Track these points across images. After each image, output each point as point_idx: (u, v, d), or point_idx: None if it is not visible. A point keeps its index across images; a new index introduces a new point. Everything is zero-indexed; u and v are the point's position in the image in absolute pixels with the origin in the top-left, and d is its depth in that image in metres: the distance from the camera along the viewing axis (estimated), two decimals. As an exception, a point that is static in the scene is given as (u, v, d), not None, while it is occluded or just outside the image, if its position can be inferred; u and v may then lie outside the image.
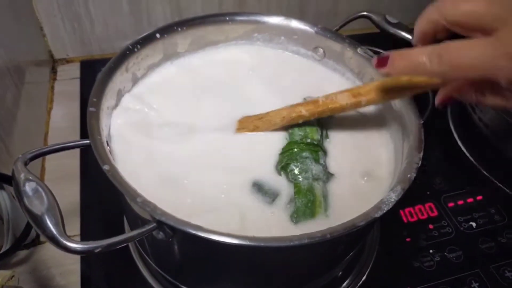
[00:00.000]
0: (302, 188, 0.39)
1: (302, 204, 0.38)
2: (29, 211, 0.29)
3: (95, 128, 0.37)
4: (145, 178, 0.38)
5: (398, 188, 0.35)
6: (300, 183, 0.40)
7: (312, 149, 0.42)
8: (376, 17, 0.52)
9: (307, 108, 0.43)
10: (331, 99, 0.43)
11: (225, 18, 0.52)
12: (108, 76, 0.42)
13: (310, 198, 0.39)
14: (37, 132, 0.62)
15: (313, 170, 0.40)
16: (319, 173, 0.40)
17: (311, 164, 0.41)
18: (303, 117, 0.43)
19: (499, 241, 0.55)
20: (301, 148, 0.42)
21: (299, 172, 0.40)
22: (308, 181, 0.40)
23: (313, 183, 0.40)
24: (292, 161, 0.41)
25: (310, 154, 0.41)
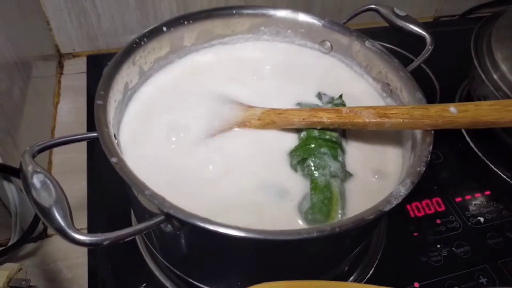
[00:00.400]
0: (319, 184, 0.39)
1: (318, 200, 0.37)
2: (37, 204, 0.29)
3: (103, 121, 0.37)
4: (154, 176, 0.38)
5: (408, 182, 0.35)
6: (317, 178, 0.39)
7: (331, 146, 0.41)
8: (384, 10, 0.52)
9: (329, 116, 0.42)
10: (356, 113, 0.41)
11: (232, 11, 0.52)
12: (115, 69, 0.42)
13: (327, 195, 0.38)
14: (44, 126, 0.62)
15: (331, 167, 0.40)
16: (337, 171, 0.40)
17: (329, 160, 0.40)
18: (323, 124, 0.42)
19: (507, 236, 0.55)
20: (319, 144, 0.41)
21: (316, 168, 0.40)
22: (325, 178, 0.39)
23: (330, 180, 0.39)
24: (309, 156, 0.40)
25: (329, 151, 0.41)
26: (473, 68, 0.64)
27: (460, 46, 0.68)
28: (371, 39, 0.49)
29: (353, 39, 0.50)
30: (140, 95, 0.47)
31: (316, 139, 0.41)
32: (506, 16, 0.67)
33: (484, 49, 0.64)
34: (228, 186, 0.40)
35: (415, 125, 0.40)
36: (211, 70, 0.51)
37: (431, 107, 0.39)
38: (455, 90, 0.74)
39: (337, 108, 0.43)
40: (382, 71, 0.48)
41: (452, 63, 0.73)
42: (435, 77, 0.75)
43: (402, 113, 0.39)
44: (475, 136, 0.65)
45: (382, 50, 0.48)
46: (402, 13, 0.51)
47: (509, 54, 0.61)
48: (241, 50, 0.54)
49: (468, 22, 0.91)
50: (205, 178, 0.40)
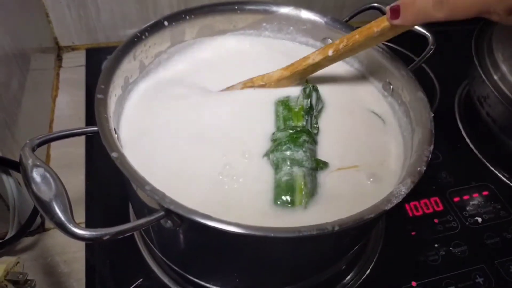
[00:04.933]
0: (281, 174, 0.39)
1: (280, 190, 0.38)
2: (37, 197, 0.29)
3: (103, 115, 0.36)
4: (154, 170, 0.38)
5: (408, 181, 0.35)
6: (280, 169, 0.40)
7: (294, 136, 0.41)
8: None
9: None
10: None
11: (234, 7, 0.51)
12: (115, 63, 0.42)
13: (289, 184, 0.38)
14: (42, 119, 0.61)
15: (295, 156, 0.40)
16: (302, 159, 0.40)
17: (293, 149, 0.40)
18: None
19: (504, 236, 0.55)
20: (284, 136, 0.41)
21: (280, 159, 0.40)
22: (288, 167, 0.39)
23: (293, 169, 0.39)
24: (275, 149, 0.41)
25: (291, 142, 0.41)
26: (473, 69, 0.64)
27: (460, 46, 0.68)
28: (373, 38, 0.49)
29: (355, 37, 0.50)
30: (140, 89, 0.47)
31: (280, 131, 0.43)
32: (507, 17, 0.67)
33: (485, 50, 0.64)
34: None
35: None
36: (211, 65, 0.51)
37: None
38: (455, 90, 0.75)
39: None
40: (384, 70, 0.48)
41: (453, 63, 0.73)
42: (435, 76, 0.75)
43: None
44: (474, 136, 0.66)
45: (384, 49, 0.48)
46: (404, 12, 0.50)
47: (509, 55, 0.61)
48: (242, 44, 0.54)
49: (469, 22, 0.91)
50: (208, 174, 0.40)
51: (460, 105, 0.71)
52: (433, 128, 0.39)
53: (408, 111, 0.44)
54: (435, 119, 0.42)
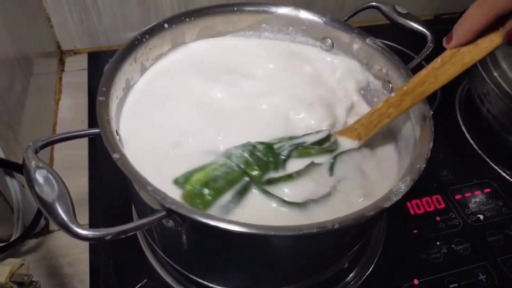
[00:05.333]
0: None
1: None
2: (40, 198, 0.29)
3: (105, 117, 0.37)
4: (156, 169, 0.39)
5: (408, 179, 0.35)
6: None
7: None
8: (385, 8, 0.51)
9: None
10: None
11: (233, 8, 0.52)
12: (117, 66, 0.42)
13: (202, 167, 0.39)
14: (46, 122, 0.62)
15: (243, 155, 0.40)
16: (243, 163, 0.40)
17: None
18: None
19: (507, 233, 0.55)
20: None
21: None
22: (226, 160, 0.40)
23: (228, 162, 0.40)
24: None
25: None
26: (473, 67, 0.64)
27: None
28: (372, 37, 0.49)
29: (354, 36, 0.50)
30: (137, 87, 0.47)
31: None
32: (507, 14, 0.67)
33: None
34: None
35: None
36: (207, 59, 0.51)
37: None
38: (456, 87, 0.75)
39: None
40: (383, 69, 0.48)
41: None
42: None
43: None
44: (475, 134, 0.66)
45: (383, 48, 0.48)
46: (403, 10, 0.51)
47: (509, 51, 0.61)
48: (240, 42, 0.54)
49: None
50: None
51: (460, 102, 0.71)
52: (433, 126, 0.40)
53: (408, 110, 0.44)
54: (436, 117, 0.42)
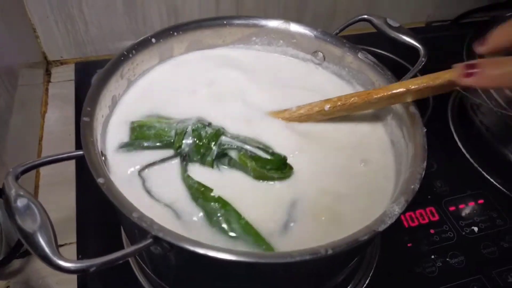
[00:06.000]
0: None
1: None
2: (21, 229, 0.28)
3: (89, 139, 0.36)
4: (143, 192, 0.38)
5: (402, 200, 0.34)
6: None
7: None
8: (377, 21, 0.51)
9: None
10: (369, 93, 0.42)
11: (223, 21, 0.51)
12: (102, 83, 0.41)
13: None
14: (31, 137, 0.60)
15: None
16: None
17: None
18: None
19: (501, 245, 0.54)
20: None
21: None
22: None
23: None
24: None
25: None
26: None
27: (452, 52, 0.68)
28: (363, 51, 0.49)
29: (345, 50, 0.49)
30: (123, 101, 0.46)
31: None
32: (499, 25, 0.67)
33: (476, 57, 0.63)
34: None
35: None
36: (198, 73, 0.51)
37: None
38: (448, 96, 0.74)
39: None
40: (376, 83, 0.47)
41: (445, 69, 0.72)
42: (427, 83, 0.75)
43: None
44: (468, 145, 0.65)
45: (375, 62, 0.48)
46: (395, 24, 0.50)
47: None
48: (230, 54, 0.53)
49: (461, 27, 0.91)
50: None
51: (453, 112, 0.70)
52: (426, 144, 0.39)
53: (401, 125, 0.43)
54: (429, 127, 0.41)
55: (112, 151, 0.41)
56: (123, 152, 0.41)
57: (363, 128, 0.47)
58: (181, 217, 0.37)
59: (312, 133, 0.45)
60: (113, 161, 0.40)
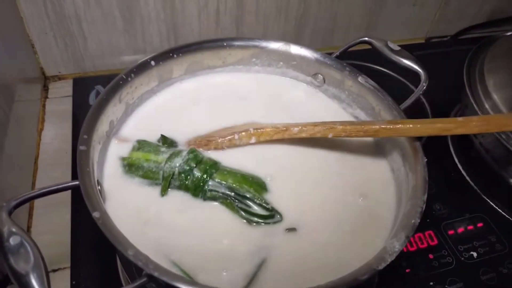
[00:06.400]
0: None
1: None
2: (13, 270, 0.27)
3: (85, 170, 0.35)
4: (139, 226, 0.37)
5: (402, 236, 0.34)
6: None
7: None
8: (378, 43, 0.51)
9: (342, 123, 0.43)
10: (368, 122, 0.43)
11: (223, 43, 0.50)
12: (100, 109, 0.41)
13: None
14: (27, 154, 0.60)
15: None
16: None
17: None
18: (334, 130, 0.43)
19: (501, 271, 0.54)
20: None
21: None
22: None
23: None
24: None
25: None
26: (465, 96, 0.63)
27: (452, 68, 0.68)
28: (364, 75, 0.48)
29: (345, 74, 0.49)
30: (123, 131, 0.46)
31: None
32: (499, 44, 0.67)
33: (477, 78, 0.63)
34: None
35: (427, 129, 0.41)
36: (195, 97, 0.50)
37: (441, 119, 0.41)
38: (448, 114, 0.74)
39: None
40: (376, 108, 0.47)
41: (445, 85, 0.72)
42: (426, 100, 0.75)
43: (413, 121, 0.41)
44: (468, 167, 0.65)
45: (375, 87, 0.47)
46: (396, 47, 0.50)
47: (501, 83, 0.61)
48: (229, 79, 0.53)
49: (460, 43, 0.91)
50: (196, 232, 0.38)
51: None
52: (427, 175, 0.39)
53: (402, 154, 0.43)
54: (429, 149, 0.41)
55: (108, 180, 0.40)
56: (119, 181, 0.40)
57: (364, 158, 0.47)
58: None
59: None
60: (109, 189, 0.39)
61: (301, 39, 0.81)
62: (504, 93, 0.59)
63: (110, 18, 0.67)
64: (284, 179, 0.43)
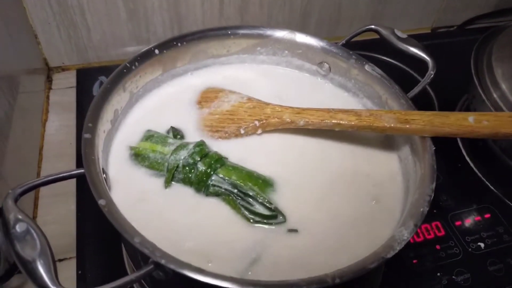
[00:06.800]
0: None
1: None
2: (20, 257, 0.27)
3: (90, 157, 0.35)
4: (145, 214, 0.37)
5: (411, 224, 0.33)
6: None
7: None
8: (385, 31, 0.50)
9: (349, 119, 0.42)
10: (376, 117, 0.41)
11: (227, 32, 0.50)
12: (104, 97, 0.40)
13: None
14: (31, 145, 0.59)
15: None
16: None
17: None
18: (342, 126, 0.42)
19: (508, 262, 0.53)
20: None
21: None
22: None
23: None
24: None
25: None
26: (473, 87, 0.62)
27: (459, 58, 0.67)
28: (370, 63, 0.48)
29: (351, 62, 0.48)
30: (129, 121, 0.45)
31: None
32: (507, 33, 0.66)
33: (484, 67, 0.63)
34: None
35: (434, 132, 0.40)
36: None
37: (451, 115, 0.40)
38: (454, 104, 0.73)
39: (357, 111, 0.42)
40: (383, 97, 0.46)
41: (451, 76, 0.71)
42: (432, 90, 0.74)
43: (422, 120, 0.40)
44: (475, 157, 0.64)
45: (382, 75, 0.47)
46: (403, 35, 0.49)
47: (509, 73, 0.60)
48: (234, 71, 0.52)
49: (466, 33, 0.90)
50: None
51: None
52: (435, 163, 0.38)
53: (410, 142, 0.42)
54: (436, 139, 0.40)
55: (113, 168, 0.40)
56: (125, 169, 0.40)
57: (372, 146, 0.46)
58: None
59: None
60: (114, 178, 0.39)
61: (306, 29, 0.80)
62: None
63: (114, 9, 0.67)
64: (293, 177, 0.42)
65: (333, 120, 0.42)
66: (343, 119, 0.42)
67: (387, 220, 0.39)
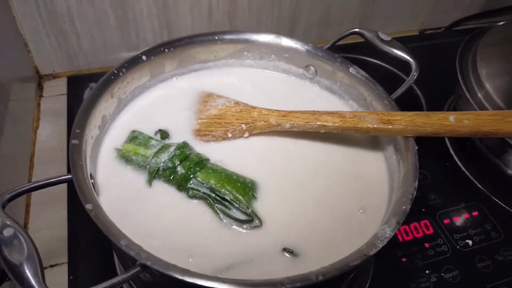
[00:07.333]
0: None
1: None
2: (7, 261, 0.28)
3: (78, 163, 0.35)
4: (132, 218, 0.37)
5: (393, 222, 0.34)
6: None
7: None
8: (369, 34, 0.51)
9: (334, 120, 0.42)
10: (360, 118, 0.42)
11: (214, 37, 0.51)
12: (92, 104, 0.41)
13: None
14: (23, 152, 0.60)
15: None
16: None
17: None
18: (327, 128, 0.43)
19: (496, 259, 0.54)
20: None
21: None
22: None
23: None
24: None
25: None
26: (458, 87, 0.64)
27: (446, 59, 0.68)
28: (355, 66, 0.48)
29: (337, 65, 0.49)
30: (117, 125, 0.46)
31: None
32: (491, 34, 0.67)
33: (469, 68, 0.64)
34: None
35: (417, 132, 0.41)
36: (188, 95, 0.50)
37: (433, 114, 0.41)
38: (442, 105, 0.74)
39: (341, 112, 0.43)
40: (367, 99, 0.47)
41: (439, 76, 0.72)
42: (420, 91, 0.75)
43: (404, 120, 0.40)
44: (462, 156, 0.65)
45: (367, 77, 0.47)
46: (386, 38, 0.50)
47: (493, 72, 0.61)
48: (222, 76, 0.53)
49: (454, 35, 0.92)
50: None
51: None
52: (418, 162, 0.39)
53: (394, 142, 0.43)
54: (423, 138, 0.41)
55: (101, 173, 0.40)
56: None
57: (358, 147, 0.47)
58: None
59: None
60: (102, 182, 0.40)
61: (295, 33, 0.81)
62: (497, 82, 0.59)
63: (103, 16, 0.67)
64: (277, 178, 0.43)
65: (318, 122, 0.43)
66: (328, 121, 0.42)
67: (374, 219, 0.40)
